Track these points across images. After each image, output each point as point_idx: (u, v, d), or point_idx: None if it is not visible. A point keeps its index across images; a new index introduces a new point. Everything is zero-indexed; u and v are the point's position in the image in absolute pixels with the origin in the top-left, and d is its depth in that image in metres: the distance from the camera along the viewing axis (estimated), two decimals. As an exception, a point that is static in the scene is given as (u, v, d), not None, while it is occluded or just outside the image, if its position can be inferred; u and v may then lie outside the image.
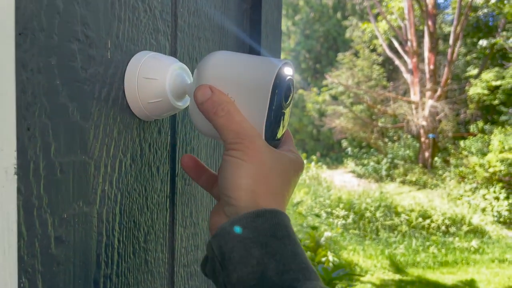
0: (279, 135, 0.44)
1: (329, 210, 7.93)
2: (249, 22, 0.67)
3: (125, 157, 0.45)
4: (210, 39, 0.58)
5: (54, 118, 0.37)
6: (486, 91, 11.74)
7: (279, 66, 0.40)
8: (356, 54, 14.94)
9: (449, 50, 11.71)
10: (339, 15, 17.25)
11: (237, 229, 0.37)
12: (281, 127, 0.44)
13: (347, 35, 16.18)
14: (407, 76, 12.66)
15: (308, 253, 3.90)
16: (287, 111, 0.44)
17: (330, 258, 4.63)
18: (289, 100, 0.43)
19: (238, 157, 0.39)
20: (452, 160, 10.74)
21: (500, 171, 8.72)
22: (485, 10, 12.94)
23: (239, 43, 0.65)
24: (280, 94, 0.41)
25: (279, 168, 0.41)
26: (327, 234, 6.09)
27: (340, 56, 15.15)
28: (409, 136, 12.63)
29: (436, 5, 12.23)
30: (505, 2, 11.60)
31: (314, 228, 3.49)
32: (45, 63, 0.36)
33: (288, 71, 0.42)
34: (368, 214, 7.80)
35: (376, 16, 14.38)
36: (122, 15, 0.43)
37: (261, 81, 0.40)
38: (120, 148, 0.44)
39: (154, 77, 0.43)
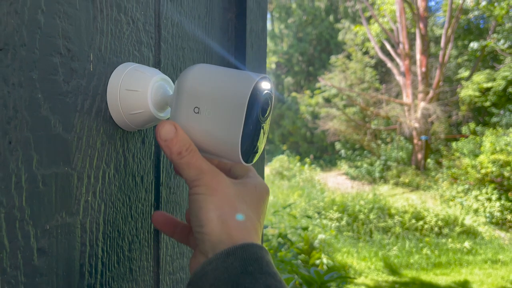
0: (260, 148, 0.45)
1: (323, 212, 7.95)
2: (234, 31, 0.68)
3: (108, 168, 0.45)
4: (195, 49, 0.59)
5: (36, 131, 0.37)
6: (477, 93, 11.85)
7: (256, 80, 0.41)
8: (348, 57, 15.02)
9: (441, 53, 11.81)
10: (331, 18, 17.33)
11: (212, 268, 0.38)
12: (260, 139, 0.44)
13: (340, 37, 16.26)
14: (399, 78, 12.74)
15: (302, 256, 3.90)
16: (267, 124, 0.45)
17: (324, 260, 4.64)
18: (267, 113, 0.44)
19: (203, 193, 0.40)
20: (445, 162, 10.82)
21: (492, 172, 8.80)
22: (476, 13, 13.08)
23: (224, 52, 0.66)
24: (257, 108, 0.42)
25: (245, 196, 0.42)
26: (321, 236, 6.10)
27: (333, 58, 15.22)
28: (402, 138, 12.70)
29: (427, 8, 12.33)
30: (495, 4, 11.73)
31: (305, 228, 3.49)
32: (26, 77, 0.36)
33: (266, 86, 0.43)
34: (361, 216, 7.83)
35: (368, 19, 14.47)
36: (104, 28, 0.44)
37: (238, 95, 0.41)
38: (104, 158, 0.45)
39: (136, 89, 0.44)
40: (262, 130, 0.44)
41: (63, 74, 0.40)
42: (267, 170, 11.82)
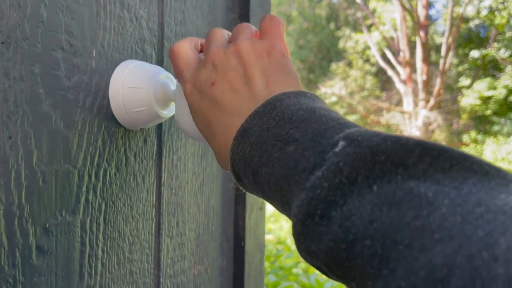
0: None
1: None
2: (237, 32, 0.67)
3: (109, 166, 0.44)
4: (198, 48, 0.58)
5: (36, 126, 0.37)
6: (478, 102, 11.87)
7: None
8: (349, 64, 15.06)
9: (441, 61, 11.85)
10: (332, 25, 17.41)
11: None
12: None
13: (341, 45, 16.31)
14: (400, 86, 12.76)
15: (302, 265, 3.86)
16: None
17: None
18: None
19: None
20: (446, 170, 10.81)
21: (493, 180, 8.79)
22: (477, 22, 13.14)
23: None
24: None
25: None
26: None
27: (333, 66, 15.26)
28: (402, 146, 12.67)
29: (428, 17, 12.39)
30: (496, 13, 11.79)
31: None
32: (28, 72, 0.36)
33: None
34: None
35: (369, 27, 14.54)
36: (107, 24, 0.43)
37: None
38: (105, 157, 0.44)
39: (139, 86, 0.43)
40: None
41: (65, 70, 0.39)
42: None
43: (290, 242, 5.03)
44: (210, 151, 0.62)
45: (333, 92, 13.88)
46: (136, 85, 0.44)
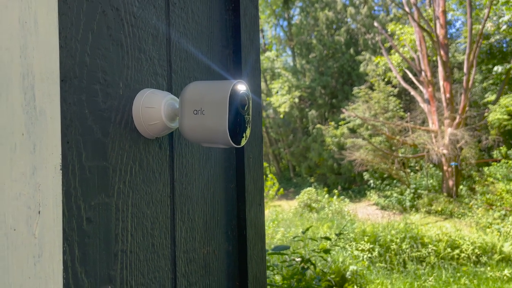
0: (247, 133, 0.61)
1: (353, 244, 7.86)
2: (232, 63, 0.85)
3: (134, 164, 0.62)
4: (199, 78, 0.76)
5: (84, 135, 0.54)
6: (506, 116, 11.66)
7: (233, 83, 0.58)
8: (371, 87, 15.13)
9: (465, 78, 11.79)
10: (352, 50, 17.63)
11: None
12: (248, 128, 0.61)
13: (361, 69, 16.46)
14: (424, 105, 12.71)
15: None
16: (249, 116, 0.61)
17: (356, 291, 4.59)
18: (246, 107, 0.60)
19: None
20: (478, 188, 10.56)
21: (528, 196, 8.53)
22: (498, 37, 13.06)
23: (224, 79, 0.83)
24: (237, 103, 0.58)
25: None
26: (353, 267, 6.03)
27: (355, 89, 15.37)
28: (431, 165, 12.50)
29: (448, 35, 12.42)
30: (517, 27, 11.70)
31: (327, 251, 3.49)
32: (78, 99, 0.54)
33: (241, 87, 0.59)
34: (393, 246, 7.69)
35: (389, 49, 14.66)
36: (130, 64, 0.62)
37: (221, 95, 0.57)
38: (131, 157, 0.61)
39: (153, 106, 0.61)
40: (248, 120, 0.60)
41: (102, 97, 0.57)
42: (295, 203, 11.81)
43: (320, 264, 5.02)
44: (213, 156, 0.79)
45: (356, 115, 13.94)
46: (151, 105, 0.61)
